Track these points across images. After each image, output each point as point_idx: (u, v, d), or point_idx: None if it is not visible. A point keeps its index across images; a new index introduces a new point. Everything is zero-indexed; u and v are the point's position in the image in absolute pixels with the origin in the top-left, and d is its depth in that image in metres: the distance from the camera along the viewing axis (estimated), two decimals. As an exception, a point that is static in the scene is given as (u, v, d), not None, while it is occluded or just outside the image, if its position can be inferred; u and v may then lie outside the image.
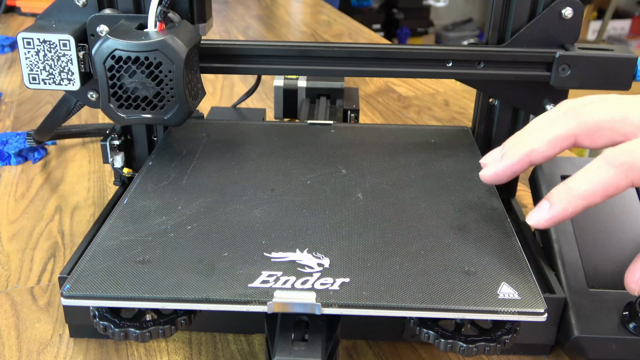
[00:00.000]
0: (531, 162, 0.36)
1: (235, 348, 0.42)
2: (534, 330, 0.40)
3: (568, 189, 0.34)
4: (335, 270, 0.34)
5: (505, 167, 0.37)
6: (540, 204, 0.35)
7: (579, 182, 0.34)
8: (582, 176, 0.34)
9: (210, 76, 0.90)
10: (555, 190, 0.35)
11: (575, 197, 0.34)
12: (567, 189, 0.34)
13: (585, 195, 0.33)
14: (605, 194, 0.33)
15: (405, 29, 2.96)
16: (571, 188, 0.34)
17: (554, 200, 0.34)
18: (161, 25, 0.44)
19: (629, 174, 0.32)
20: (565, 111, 0.36)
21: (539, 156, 0.36)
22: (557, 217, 0.34)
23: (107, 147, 0.50)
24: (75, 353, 0.41)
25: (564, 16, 0.46)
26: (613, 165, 0.33)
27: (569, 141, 0.35)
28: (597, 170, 0.33)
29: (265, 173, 0.45)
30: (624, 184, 0.33)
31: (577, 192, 0.34)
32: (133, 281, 0.33)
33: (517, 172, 0.37)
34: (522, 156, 0.36)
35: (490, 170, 0.37)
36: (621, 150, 0.33)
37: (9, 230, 0.54)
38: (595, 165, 0.33)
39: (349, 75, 0.51)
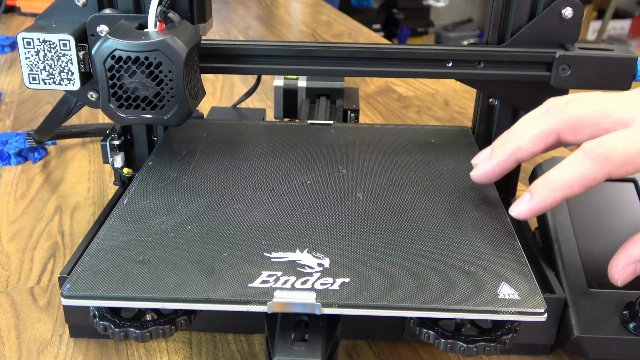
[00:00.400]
0: (517, 159, 0.38)
1: (235, 348, 0.42)
2: (534, 330, 0.40)
3: (547, 180, 0.35)
4: (335, 270, 0.34)
5: (493, 165, 0.39)
6: (522, 196, 0.37)
7: (558, 174, 0.35)
8: (560, 168, 0.35)
9: (210, 76, 0.90)
10: (536, 183, 0.36)
11: (553, 188, 0.35)
12: (546, 180, 0.36)
13: (563, 187, 0.35)
14: (582, 185, 0.35)
15: (405, 29, 2.96)
16: (550, 180, 0.35)
17: (534, 192, 0.36)
18: (161, 25, 0.44)
19: (605, 166, 0.34)
20: (548, 109, 0.37)
21: (524, 153, 0.38)
22: (536, 208, 0.36)
23: (107, 147, 0.50)
24: (75, 353, 0.41)
25: (564, 16, 0.46)
26: (590, 157, 0.34)
27: (552, 137, 0.36)
28: (575, 163, 0.35)
29: (265, 173, 0.45)
30: (601, 176, 0.34)
31: (555, 184, 0.35)
32: (133, 281, 0.33)
33: (505, 170, 0.39)
34: (508, 154, 0.38)
35: (479, 170, 0.39)
36: (598, 143, 0.34)
37: (9, 230, 0.54)
38: (573, 158, 0.35)
39: (349, 75, 0.51)
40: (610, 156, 0.34)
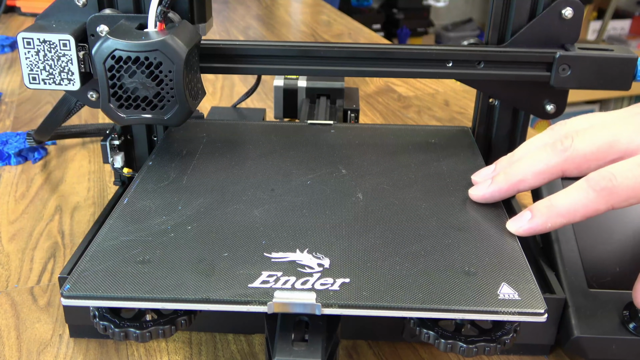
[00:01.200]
0: (519, 190, 0.40)
1: (235, 348, 0.42)
2: (534, 331, 0.40)
3: (550, 205, 0.36)
4: (336, 270, 0.34)
5: (494, 192, 0.40)
6: (523, 213, 0.37)
7: (561, 201, 0.36)
8: (564, 195, 0.36)
9: (210, 76, 0.90)
10: (539, 204, 0.37)
11: (555, 214, 0.36)
12: (549, 204, 0.36)
13: (565, 214, 0.36)
14: (585, 214, 0.35)
15: (405, 29, 2.96)
16: (553, 205, 0.36)
17: (536, 213, 0.37)
18: (161, 25, 0.44)
19: (609, 199, 0.34)
20: (554, 142, 0.37)
21: (526, 185, 0.39)
22: (535, 229, 0.37)
23: (107, 147, 0.50)
24: (75, 353, 0.41)
25: (564, 16, 0.46)
26: (594, 189, 0.35)
27: (556, 174, 0.37)
28: (579, 192, 0.35)
29: (265, 173, 0.45)
30: (604, 208, 0.35)
31: (557, 210, 0.36)
32: (133, 281, 0.33)
33: (504, 198, 0.40)
34: (510, 185, 0.39)
35: (479, 192, 0.40)
36: (603, 175, 0.35)
37: (9, 230, 0.54)
38: (578, 187, 0.35)
39: (349, 75, 0.50)
40: (615, 190, 0.34)
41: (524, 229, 0.37)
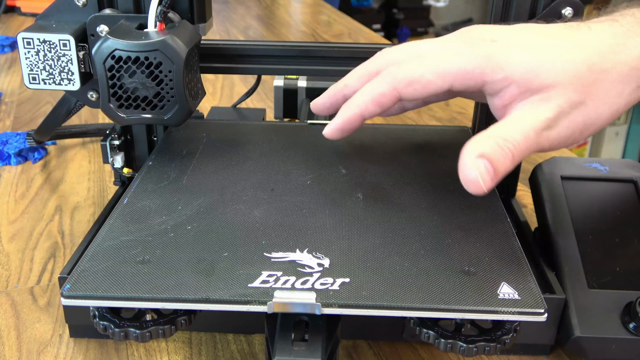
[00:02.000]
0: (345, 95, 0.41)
1: (235, 348, 0.42)
2: (534, 330, 0.40)
3: (350, 100, 0.39)
4: (335, 270, 0.34)
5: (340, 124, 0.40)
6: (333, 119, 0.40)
7: (357, 94, 0.39)
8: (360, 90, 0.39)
9: (210, 76, 0.90)
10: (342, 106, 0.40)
11: (350, 105, 0.39)
12: (350, 100, 0.39)
13: (359, 104, 0.38)
14: (375, 101, 0.38)
15: (405, 29, 2.96)
16: (352, 99, 0.39)
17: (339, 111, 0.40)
18: (161, 25, 0.44)
19: (392, 82, 0.37)
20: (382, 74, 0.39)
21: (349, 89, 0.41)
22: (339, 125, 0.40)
23: (107, 147, 0.50)
24: (75, 353, 0.41)
25: (564, 16, 0.46)
26: (382, 76, 0.38)
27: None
28: (371, 83, 0.38)
29: (265, 173, 0.45)
30: (389, 92, 0.37)
31: (353, 102, 0.39)
32: (133, 281, 0.33)
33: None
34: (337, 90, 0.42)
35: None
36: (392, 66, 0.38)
37: (9, 230, 0.54)
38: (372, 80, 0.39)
39: (349, 75, 0.50)
40: (397, 74, 0.37)
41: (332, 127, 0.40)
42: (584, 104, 0.35)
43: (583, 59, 0.35)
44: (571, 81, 0.35)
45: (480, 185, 0.33)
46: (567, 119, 0.35)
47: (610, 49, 0.36)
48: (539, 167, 0.48)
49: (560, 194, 0.46)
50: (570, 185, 0.47)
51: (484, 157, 0.34)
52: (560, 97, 0.35)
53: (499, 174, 0.34)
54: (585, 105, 0.35)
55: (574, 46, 0.36)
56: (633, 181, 0.47)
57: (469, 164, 0.34)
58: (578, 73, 0.35)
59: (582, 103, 0.35)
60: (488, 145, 0.34)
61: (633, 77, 0.36)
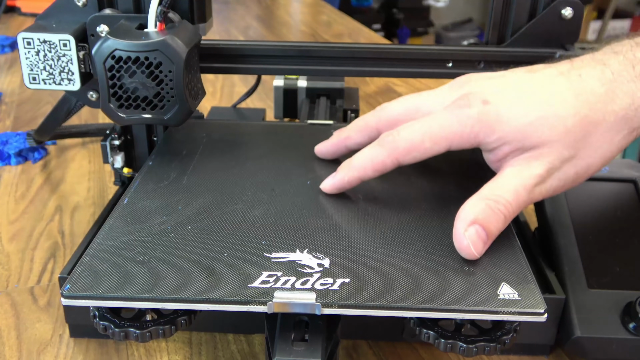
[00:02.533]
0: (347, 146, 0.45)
1: (235, 348, 0.42)
2: (534, 330, 0.40)
3: (349, 162, 0.41)
4: (335, 270, 0.34)
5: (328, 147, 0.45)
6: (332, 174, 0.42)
7: (356, 158, 0.41)
8: (360, 152, 0.41)
9: (210, 76, 0.90)
10: (342, 163, 0.41)
11: (350, 168, 0.41)
12: (348, 162, 0.41)
13: (358, 168, 0.40)
14: (374, 168, 0.40)
15: (405, 29, 2.96)
16: (350, 162, 0.41)
17: (339, 170, 0.41)
18: (161, 25, 0.44)
19: (392, 152, 0.39)
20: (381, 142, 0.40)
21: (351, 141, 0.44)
22: (338, 184, 0.41)
23: (107, 147, 0.50)
24: (75, 353, 0.41)
25: (564, 16, 0.46)
26: (381, 144, 0.40)
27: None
28: (370, 149, 0.40)
29: (265, 173, 0.45)
30: (389, 161, 0.39)
31: (353, 165, 0.40)
32: (133, 281, 0.33)
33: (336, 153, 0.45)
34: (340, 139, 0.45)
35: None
36: (390, 132, 0.40)
37: (9, 230, 0.54)
38: (371, 145, 0.40)
39: (349, 75, 0.50)
40: (397, 143, 0.39)
41: (329, 184, 0.41)
42: (575, 157, 0.37)
43: (573, 113, 0.36)
44: (561, 138, 0.36)
45: (472, 252, 0.35)
46: (559, 173, 0.37)
47: (600, 99, 0.36)
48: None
49: (560, 194, 0.46)
50: (570, 185, 0.47)
51: (477, 223, 0.35)
52: (551, 154, 0.36)
53: (491, 236, 0.36)
54: (576, 158, 0.37)
55: (564, 101, 0.36)
56: (633, 181, 0.47)
57: (461, 231, 0.35)
58: (568, 129, 0.36)
59: (573, 157, 0.36)
60: (480, 210, 0.36)
61: (623, 126, 0.36)
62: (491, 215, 0.36)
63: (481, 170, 0.44)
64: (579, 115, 0.36)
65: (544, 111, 0.36)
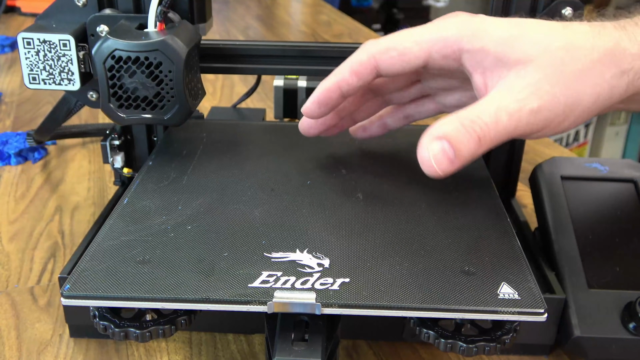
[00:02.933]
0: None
1: (235, 348, 0.42)
2: (534, 330, 0.40)
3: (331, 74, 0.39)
4: (335, 270, 0.34)
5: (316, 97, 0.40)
6: None
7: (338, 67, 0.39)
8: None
9: (210, 76, 0.90)
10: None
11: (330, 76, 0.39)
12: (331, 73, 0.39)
13: (336, 72, 0.39)
14: (351, 68, 0.38)
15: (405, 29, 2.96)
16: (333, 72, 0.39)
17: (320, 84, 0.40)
18: (161, 25, 0.44)
19: (370, 49, 0.37)
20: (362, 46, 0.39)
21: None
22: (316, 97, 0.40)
23: (107, 147, 0.50)
24: (75, 353, 0.41)
25: (564, 16, 0.46)
26: (360, 48, 0.38)
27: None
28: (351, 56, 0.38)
29: (265, 173, 0.45)
30: (366, 59, 0.37)
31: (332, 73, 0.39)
32: (133, 281, 0.33)
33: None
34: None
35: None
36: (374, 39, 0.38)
37: (9, 230, 0.54)
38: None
39: (349, 75, 0.50)
40: (375, 44, 0.37)
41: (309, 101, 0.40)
42: (563, 81, 0.33)
43: (561, 36, 0.34)
44: (546, 55, 0.33)
45: (433, 167, 0.33)
46: (547, 97, 0.33)
47: (587, 34, 0.35)
48: (539, 167, 0.48)
49: (560, 194, 0.46)
50: (570, 185, 0.47)
51: (444, 138, 0.32)
52: (537, 73, 0.33)
53: (461, 157, 0.33)
54: (564, 83, 0.33)
55: (555, 28, 0.35)
56: (633, 181, 0.47)
57: (425, 144, 0.33)
58: (554, 48, 0.34)
59: (561, 80, 0.33)
60: (452, 127, 0.33)
61: (612, 61, 0.34)
62: (463, 133, 0.32)
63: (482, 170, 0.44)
64: (566, 39, 0.34)
65: (532, 29, 0.35)
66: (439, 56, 0.36)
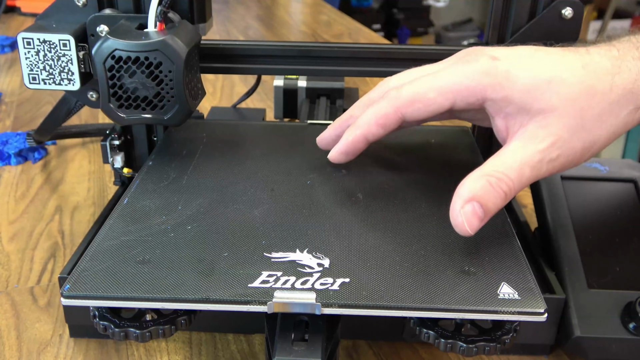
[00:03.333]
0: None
1: (235, 348, 0.42)
2: (534, 330, 0.40)
3: (354, 123, 0.40)
4: (335, 270, 0.34)
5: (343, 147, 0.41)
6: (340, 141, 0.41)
7: (361, 117, 0.39)
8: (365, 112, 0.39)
9: (210, 76, 0.90)
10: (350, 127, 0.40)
11: (356, 128, 0.39)
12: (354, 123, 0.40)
13: (361, 125, 0.39)
14: (378, 122, 0.38)
15: (405, 29, 2.95)
16: (356, 122, 0.40)
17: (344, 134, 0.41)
18: (161, 25, 0.44)
19: (394, 103, 0.38)
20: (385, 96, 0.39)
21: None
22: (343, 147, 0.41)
23: (107, 147, 0.50)
24: (75, 353, 0.41)
25: (564, 16, 0.46)
26: (385, 98, 0.38)
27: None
28: (374, 106, 0.39)
29: (265, 173, 0.45)
30: (392, 112, 0.38)
31: (357, 124, 0.39)
32: (133, 281, 0.33)
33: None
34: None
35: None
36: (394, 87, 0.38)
37: (9, 230, 0.54)
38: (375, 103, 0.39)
39: (349, 75, 0.50)
40: (399, 95, 0.38)
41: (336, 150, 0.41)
42: (582, 128, 0.35)
43: (580, 81, 0.36)
44: (567, 104, 0.35)
45: (466, 229, 0.34)
46: (565, 146, 0.35)
47: (607, 71, 0.36)
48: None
49: (560, 194, 0.46)
50: (570, 185, 0.47)
51: (474, 200, 0.34)
52: (557, 123, 0.35)
53: (489, 214, 0.35)
54: (583, 130, 0.36)
55: (572, 69, 0.36)
56: (633, 181, 0.47)
57: (457, 208, 0.35)
58: (575, 96, 0.35)
59: (580, 128, 0.35)
60: (479, 186, 0.35)
61: (629, 100, 0.36)
62: (491, 192, 0.35)
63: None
64: (586, 84, 0.35)
65: (552, 76, 0.36)
66: (463, 103, 0.37)
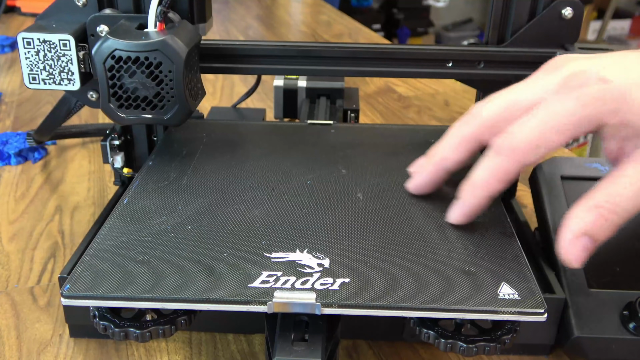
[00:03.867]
0: (446, 169, 0.40)
1: (235, 348, 0.42)
2: (534, 330, 0.40)
3: (469, 183, 0.37)
4: (335, 270, 0.34)
5: (424, 177, 0.41)
6: (454, 203, 0.39)
7: (476, 175, 0.37)
8: (477, 169, 0.37)
9: (210, 76, 0.90)
10: (462, 186, 0.38)
11: (474, 188, 0.37)
12: (469, 183, 0.37)
13: (482, 184, 0.36)
14: (499, 179, 0.36)
15: (405, 29, 2.96)
16: (471, 181, 0.37)
17: (461, 196, 0.38)
18: (161, 25, 0.44)
19: (513, 157, 0.35)
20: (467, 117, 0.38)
21: (451, 163, 0.39)
22: (467, 211, 0.38)
23: (107, 147, 0.50)
24: (75, 353, 0.41)
25: (564, 16, 0.46)
26: (498, 152, 0.36)
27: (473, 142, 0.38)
28: (488, 160, 0.36)
29: (265, 173, 0.45)
30: (513, 167, 0.35)
31: (475, 184, 0.37)
32: (133, 281, 0.33)
33: (437, 181, 0.41)
34: (436, 166, 0.40)
35: (412, 183, 0.41)
36: (503, 137, 0.36)
37: (9, 230, 0.54)
38: (486, 156, 0.36)
39: (349, 75, 0.50)
40: (516, 146, 0.35)
41: (459, 214, 0.38)
42: None
43: None
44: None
45: (573, 264, 0.34)
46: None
47: None
48: (538, 167, 0.48)
49: (560, 194, 0.46)
50: (570, 185, 0.47)
51: (586, 236, 0.33)
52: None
53: (598, 244, 0.34)
54: None
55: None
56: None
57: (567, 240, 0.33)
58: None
59: None
60: (591, 220, 0.33)
61: None
62: (603, 226, 0.33)
63: None
64: None
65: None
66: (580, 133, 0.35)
